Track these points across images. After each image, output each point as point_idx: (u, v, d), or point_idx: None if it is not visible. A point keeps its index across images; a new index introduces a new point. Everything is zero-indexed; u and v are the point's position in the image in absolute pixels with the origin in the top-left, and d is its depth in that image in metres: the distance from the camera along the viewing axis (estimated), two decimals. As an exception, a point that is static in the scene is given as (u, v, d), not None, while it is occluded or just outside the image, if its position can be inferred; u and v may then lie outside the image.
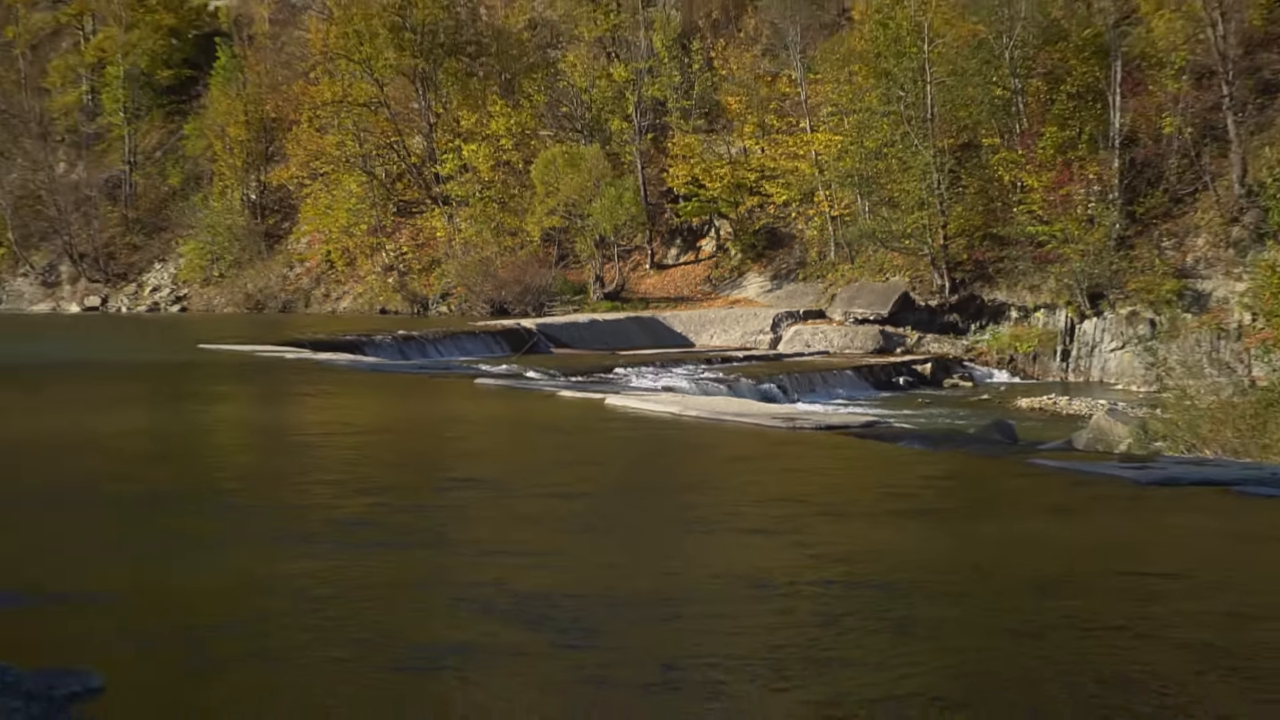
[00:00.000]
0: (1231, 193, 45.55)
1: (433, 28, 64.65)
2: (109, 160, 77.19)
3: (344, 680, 10.64)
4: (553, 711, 9.96)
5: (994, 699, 9.88)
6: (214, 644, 11.46)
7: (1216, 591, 13.56)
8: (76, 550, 15.13)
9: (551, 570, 14.05)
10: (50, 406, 30.29)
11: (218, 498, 19.41)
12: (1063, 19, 49.39)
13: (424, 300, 59.57)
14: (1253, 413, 24.35)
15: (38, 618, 12.09)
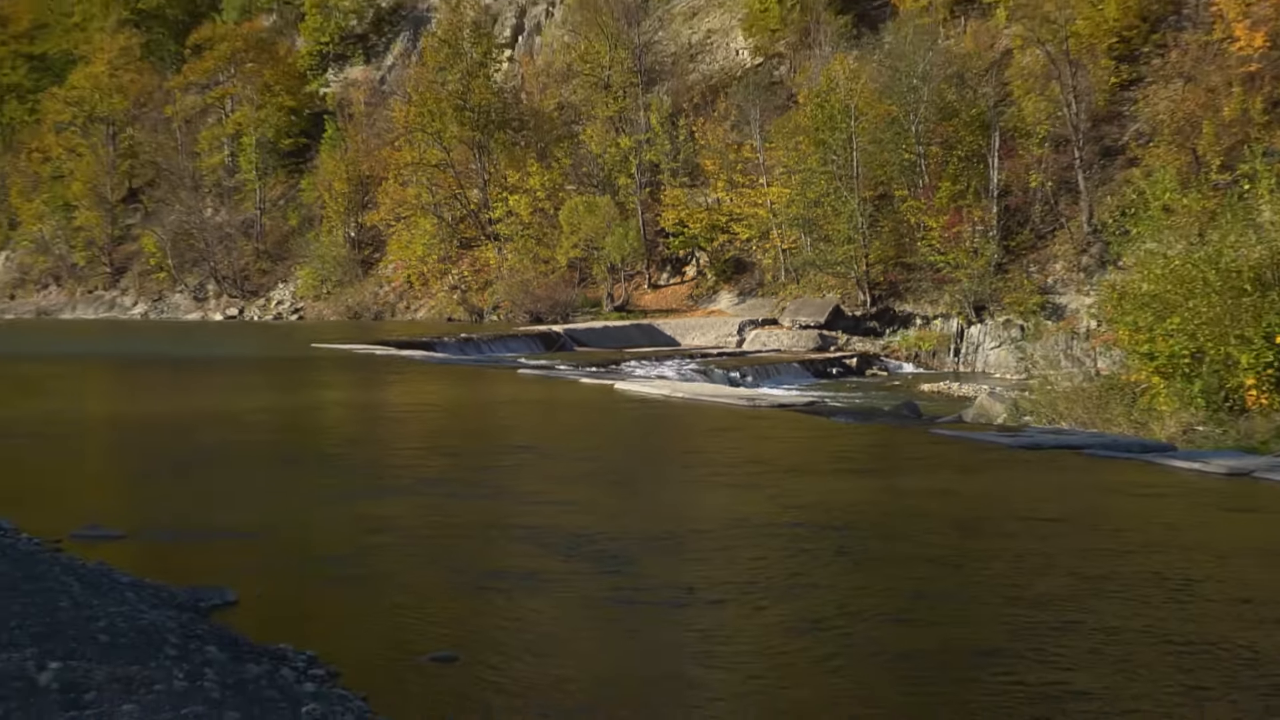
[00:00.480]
0: (1081, 231, 45.52)
1: (486, 108, 64.65)
2: (244, 206, 77.08)
3: (432, 597, 10.67)
4: (597, 620, 9.99)
5: (929, 614, 9.93)
6: (326, 568, 11.50)
7: (1080, 528, 13.62)
8: (221, 498, 15.18)
9: (585, 514, 14.11)
10: (203, 390, 30.30)
11: (329, 458, 19.45)
12: (954, 101, 49.24)
13: (479, 311, 59.41)
14: (1097, 395, 24.34)
15: (190, 549, 12.14)
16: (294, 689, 7.44)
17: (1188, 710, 7.73)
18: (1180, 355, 21.82)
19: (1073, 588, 10.67)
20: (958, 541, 12.98)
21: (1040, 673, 8.43)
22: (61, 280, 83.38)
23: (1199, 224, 26.21)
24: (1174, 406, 21.95)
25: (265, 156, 76.99)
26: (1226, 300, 21.41)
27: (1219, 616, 9.76)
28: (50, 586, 8.84)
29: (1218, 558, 12.06)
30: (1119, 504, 15.22)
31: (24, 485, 15.35)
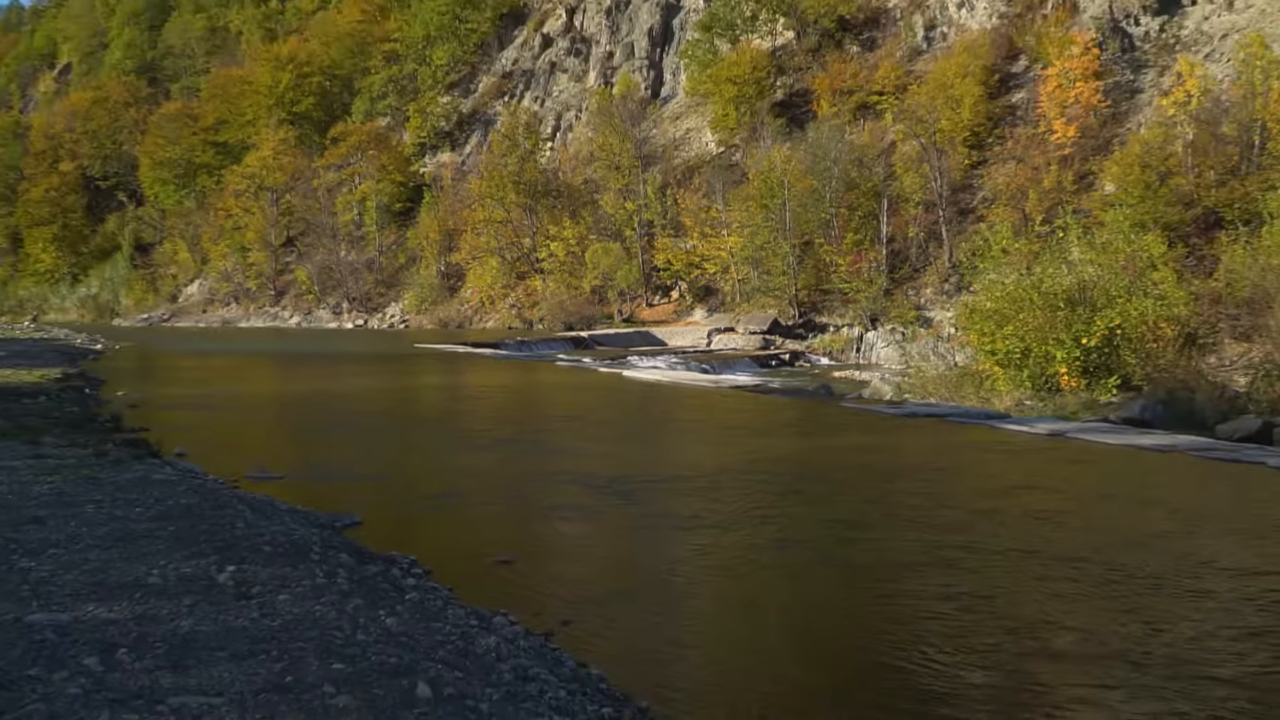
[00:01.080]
0: (944, 266, 45.40)
1: (534, 182, 64.92)
2: (368, 249, 76.96)
3: (497, 519, 10.64)
4: (618, 537, 9.96)
5: (859, 535, 9.88)
6: (423, 500, 11.48)
7: (947, 472, 13.60)
8: (351, 451, 15.16)
9: (607, 461, 14.12)
10: (338, 375, 30.33)
11: (426, 423, 19.44)
12: (856, 177, 49.16)
13: (530, 322, 59.41)
14: (955, 379, 24.33)
15: (329, 486, 12.11)
16: (400, 582, 7.46)
17: (1032, 588, 7.74)
18: (1013, 352, 21.82)
19: (950, 514, 10.69)
20: (870, 482, 12.98)
21: (942, 576, 8.42)
22: (239, 299, 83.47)
23: (1026, 261, 26.18)
24: (1009, 387, 21.96)
25: (382, 215, 76.97)
26: (1046, 314, 21.43)
27: (1041, 526, 9.79)
28: (229, 513, 8.83)
29: (1042, 490, 12.09)
30: (973, 454, 15.23)
31: (212, 441, 15.33)
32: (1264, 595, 7.82)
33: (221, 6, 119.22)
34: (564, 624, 7.06)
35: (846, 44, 61.62)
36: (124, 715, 4.46)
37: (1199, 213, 38.13)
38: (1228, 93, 41.54)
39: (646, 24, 74.20)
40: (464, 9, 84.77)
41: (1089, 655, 6.59)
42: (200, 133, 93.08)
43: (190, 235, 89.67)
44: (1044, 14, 53.28)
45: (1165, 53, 48.67)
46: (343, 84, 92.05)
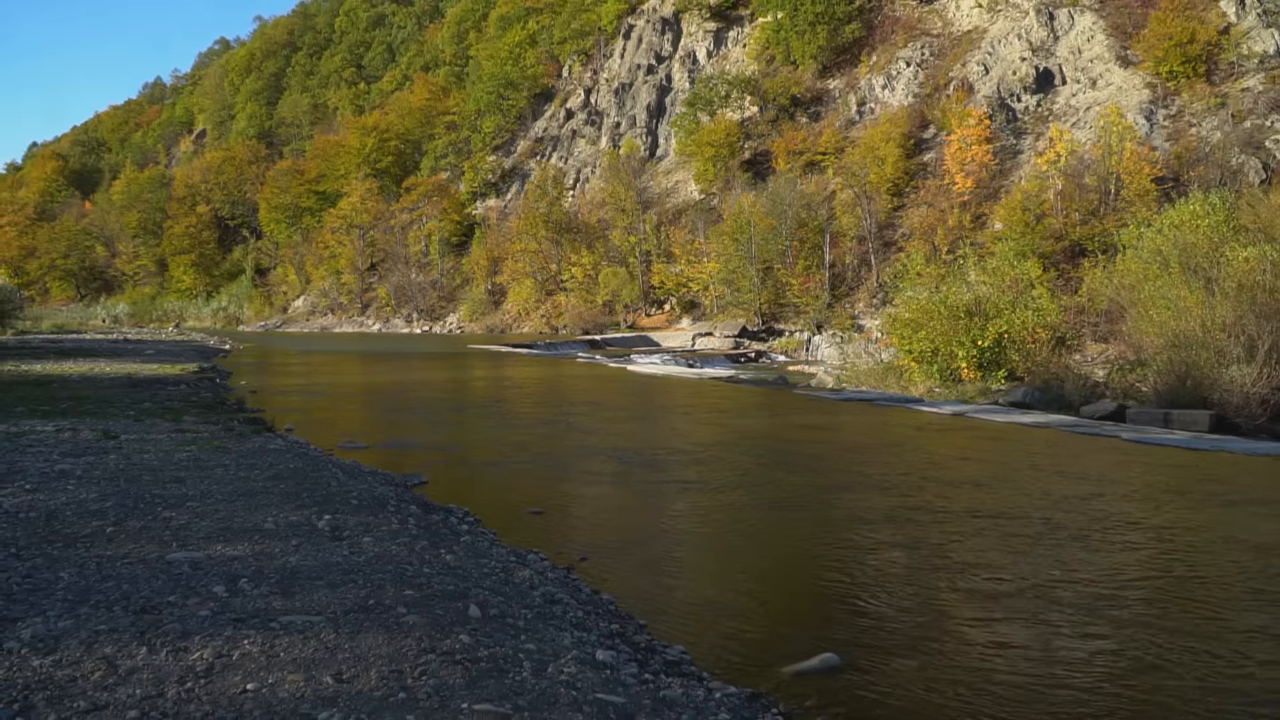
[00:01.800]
0: (873, 286, 45.33)
1: (560, 222, 64.75)
2: (432, 273, 76.78)
3: (533, 479, 10.61)
4: (630, 495, 9.89)
5: (821, 495, 9.84)
6: (476, 464, 11.43)
7: (878, 442, 13.56)
8: (420, 427, 15.14)
9: (617, 435, 14.04)
10: (408, 369, 30.28)
11: (478, 405, 19.37)
12: (805, 218, 49.02)
13: (556, 328, 59.15)
14: (881, 372, 24.24)
15: (403, 453, 12.07)
16: (457, 527, 7.39)
17: (941, 526, 7.71)
18: (926, 351, 21.75)
19: (882, 460, 10.65)
20: (818, 449, 12.92)
21: (885, 529, 8.37)
22: (334, 311, 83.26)
23: (935, 282, 26.12)
24: (923, 378, 21.88)
25: (443, 246, 76.69)
26: (950, 322, 21.35)
27: (947, 482, 9.75)
28: (325, 475, 8.77)
29: (949, 455, 12.05)
30: (895, 429, 15.18)
31: (313, 419, 15.31)
32: (1121, 531, 7.79)
33: (322, 88, 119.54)
34: (582, 560, 7.02)
35: (798, 116, 61.52)
36: (243, 631, 4.42)
37: (1067, 245, 38.06)
38: (1089, 152, 41.45)
39: (645, 101, 74.11)
40: (506, 90, 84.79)
41: (992, 584, 6.56)
42: (305, 184, 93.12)
43: (297, 262, 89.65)
44: (947, 94, 53.20)
45: (1041, 122, 48.55)
46: (414, 146, 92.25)
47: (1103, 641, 5.44)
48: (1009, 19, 54.65)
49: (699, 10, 74.60)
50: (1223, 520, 8.59)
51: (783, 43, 64.73)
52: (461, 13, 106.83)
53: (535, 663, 4.36)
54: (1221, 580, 6.68)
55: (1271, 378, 15.88)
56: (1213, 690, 4.80)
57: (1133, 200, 37.26)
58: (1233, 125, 41.49)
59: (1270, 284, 16.56)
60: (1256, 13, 45.26)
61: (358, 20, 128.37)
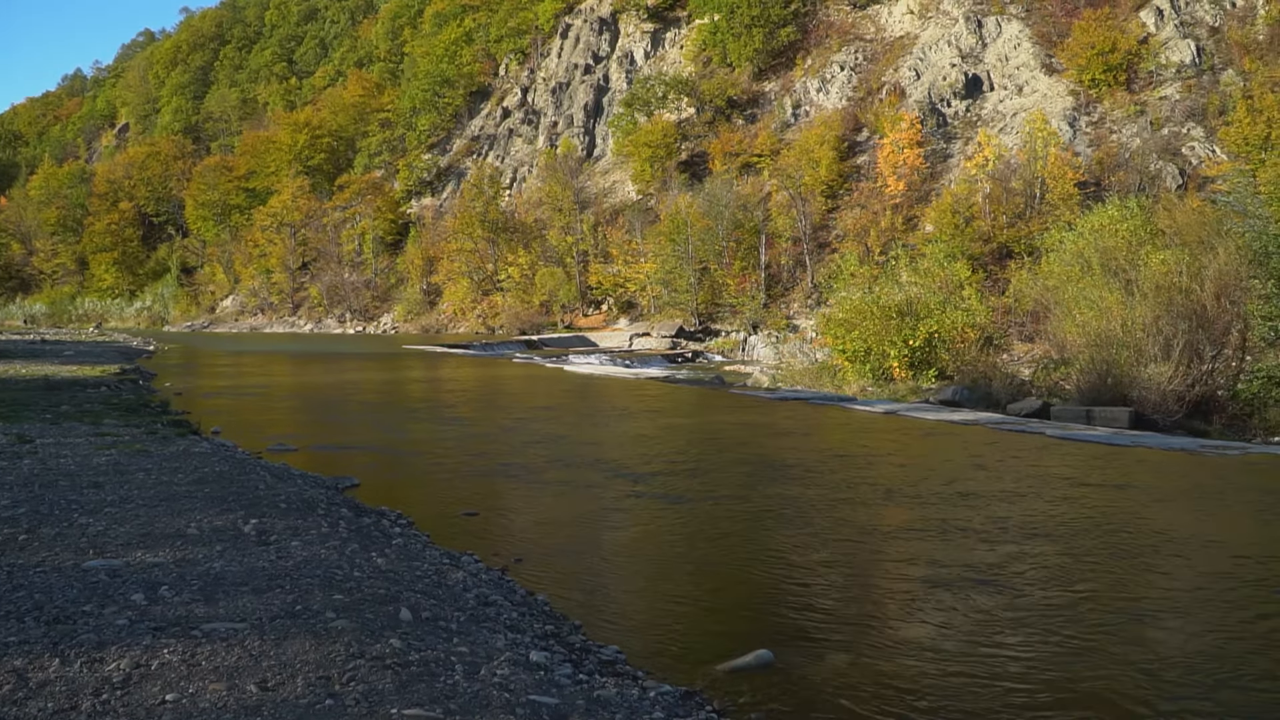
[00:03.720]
0: (808, 286, 45.83)
1: (496, 221, 64.19)
2: (366, 272, 75.66)
3: (465, 480, 10.48)
4: (572, 497, 9.83)
5: (755, 483, 9.88)
6: (408, 465, 11.27)
7: (810, 436, 13.67)
8: (352, 428, 14.88)
9: (557, 439, 13.96)
10: (341, 369, 29.78)
11: (412, 405, 19.13)
12: (741, 219, 49.34)
13: (492, 328, 58.66)
14: (815, 371, 24.52)
15: (334, 455, 11.88)
16: (389, 530, 7.28)
17: (873, 514, 7.80)
18: (859, 350, 22.04)
19: (816, 458, 10.74)
20: (756, 451, 12.98)
21: (819, 526, 8.43)
22: (264, 311, 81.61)
23: (868, 282, 26.48)
24: (856, 377, 22.17)
25: (377, 245, 75.66)
26: (883, 322, 21.67)
27: (879, 478, 9.90)
28: (253, 478, 8.57)
29: (880, 450, 12.21)
30: (829, 425, 15.35)
31: (241, 421, 14.97)
32: (1044, 525, 7.96)
33: (251, 82, 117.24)
34: (517, 561, 6.96)
35: (734, 118, 61.94)
36: (163, 640, 4.29)
37: (995, 247, 38.91)
38: (1016, 157, 42.42)
39: (583, 101, 73.98)
40: (442, 87, 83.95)
41: (923, 578, 6.65)
42: (234, 180, 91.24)
43: (225, 260, 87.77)
44: (880, 98, 54.01)
45: (970, 127, 49.57)
46: (347, 143, 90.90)
47: (1030, 630, 5.55)
48: (940, 26, 55.69)
49: (636, 11, 74.73)
50: (1140, 513, 8.83)
51: (719, 45, 65.13)
52: (396, 8, 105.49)
53: (468, 665, 4.30)
54: (1140, 569, 6.86)
55: (1186, 376, 16.40)
56: (1136, 674, 4.92)
57: (1057, 204, 38.24)
58: (1151, 132, 42.82)
59: (1185, 285, 17.10)
60: (1174, 24, 46.78)
61: (289, 14, 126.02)
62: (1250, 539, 8.03)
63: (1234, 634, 5.61)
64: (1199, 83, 44.27)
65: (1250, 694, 4.79)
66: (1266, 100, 39.01)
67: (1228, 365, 17.29)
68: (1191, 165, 40.78)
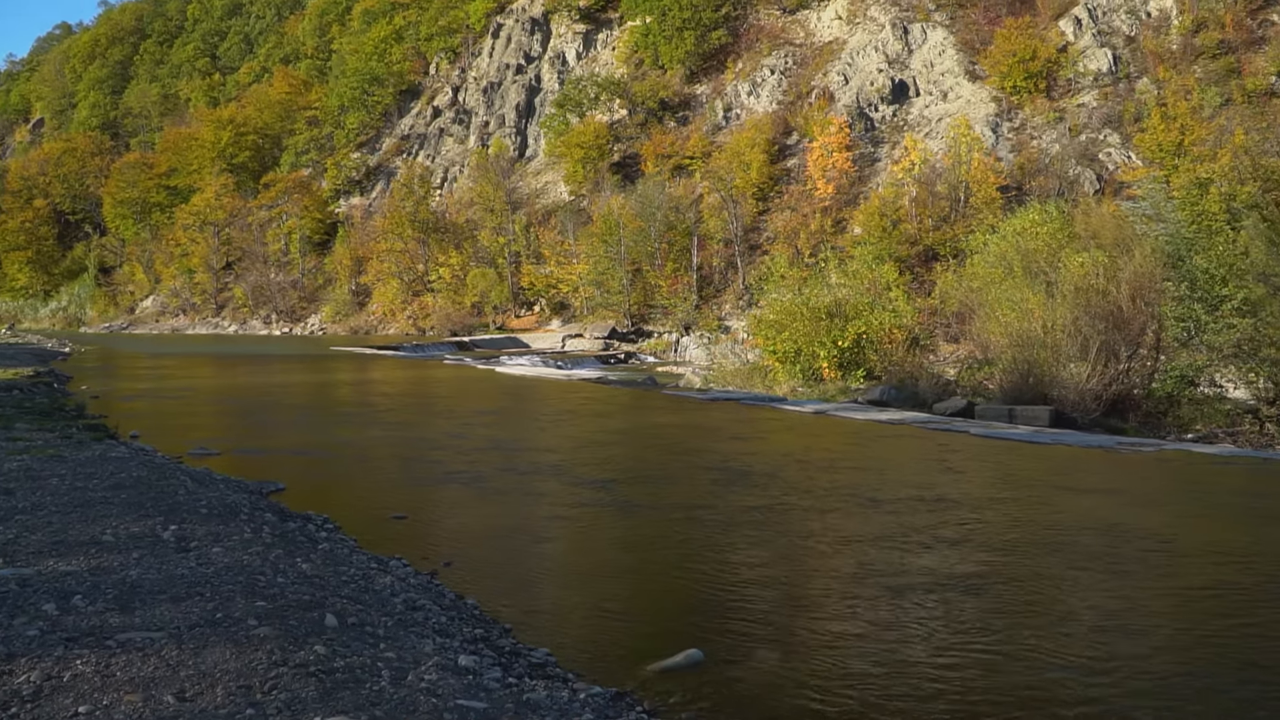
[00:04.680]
0: (739, 288, 46.17)
1: (427, 221, 63.50)
2: (293, 272, 74.05)
3: (394, 483, 10.35)
4: (503, 499, 9.73)
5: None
6: (335, 468, 11.09)
7: (742, 436, 13.76)
8: (277, 431, 14.61)
9: (489, 441, 13.85)
10: (267, 371, 29.15)
11: (339, 407, 18.82)
12: (674, 220, 49.56)
13: (423, 330, 57.94)
14: (747, 372, 24.70)
15: (258, 459, 11.64)
16: (315, 535, 7.16)
17: (800, 509, 7.89)
18: (789, 351, 22.27)
19: (747, 458, 10.81)
20: (687, 451, 13.03)
21: (749, 525, 8.48)
22: (186, 312, 79.48)
23: (798, 284, 26.76)
24: (786, 378, 22.41)
25: (304, 245, 74.15)
26: (812, 323, 21.93)
27: (808, 478, 10.00)
28: (173, 483, 8.34)
29: (810, 449, 12.36)
30: (760, 425, 15.48)
31: (162, 425, 14.56)
32: (967, 521, 8.14)
33: (173, 78, 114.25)
34: (446, 565, 6.89)
35: (666, 120, 62.19)
36: (76, 650, 4.15)
37: (921, 249, 39.69)
38: (941, 161, 43.32)
39: (514, 101, 73.58)
40: (371, 86, 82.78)
41: (850, 575, 6.74)
42: (155, 178, 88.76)
43: (145, 260, 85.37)
44: (809, 102, 54.72)
45: (896, 132, 50.49)
46: (273, 141, 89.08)
47: (955, 625, 5.66)
48: (867, 32, 56.61)
49: (568, 12, 74.56)
50: (1059, 507, 9.08)
51: (651, 47, 65.33)
52: (324, 5, 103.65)
53: (394, 671, 4.24)
54: (1061, 565, 7.05)
55: (1104, 375, 16.91)
56: (1057, 667, 5.05)
57: (980, 207, 39.15)
58: (1070, 138, 44.08)
59: (1102, 287, 17.62)
60: (1092, 33, 48.22)
61: (212, 8, 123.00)
62: (1159, 531, 8.31)
63: (1141, 621, 5.80)
64: (1115, 90, 45.71)
65: (1168, 681, 4.95)
66: (1179, 108, 40.44)
67: (1143, 365, 17.85)
68: (1108, 170, 42.08)
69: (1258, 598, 6.35)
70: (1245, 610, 6.09)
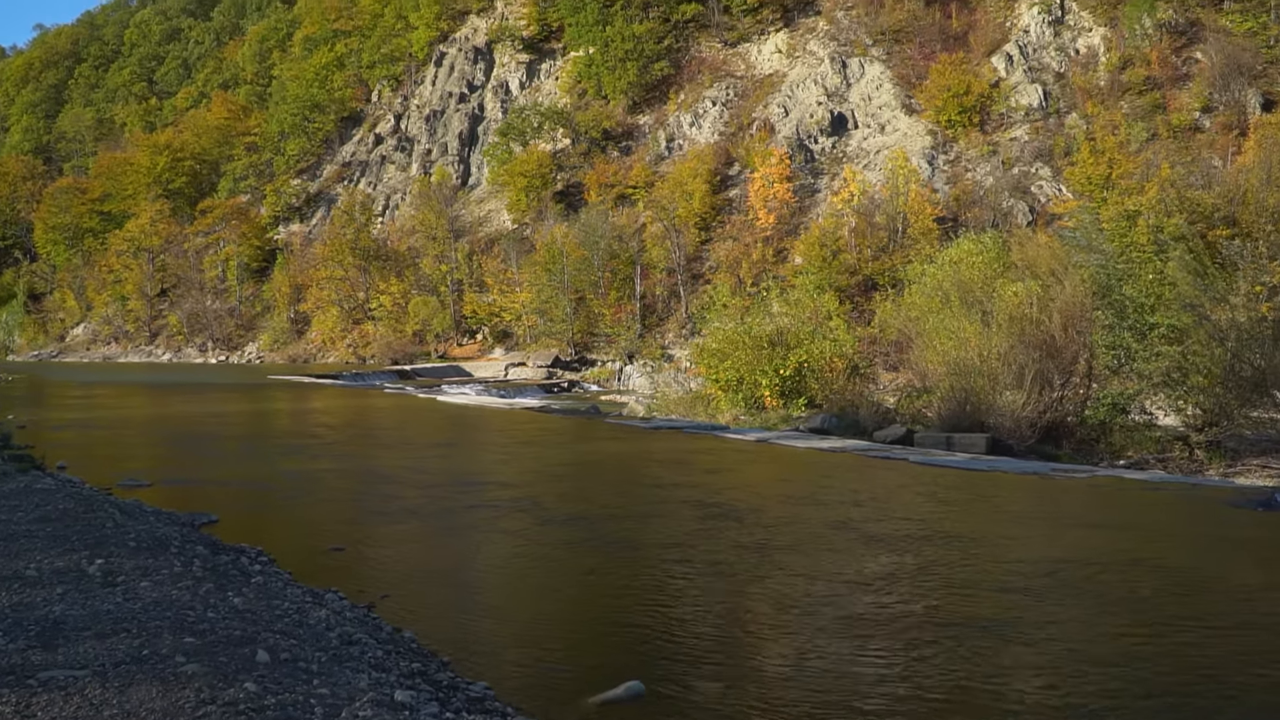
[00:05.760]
0: (682, 316, 46.38)
1: (368, 249, 62.97)
2: (230, 299, 72.85)
3: (332, 515, 10.18)
4: (443, 530, 9.59)
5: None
6: (270, 499, 10.88)
7: (684, 464, 13.76)
8: (211, 461, 14.27)
9: (429, 471, 13.68)
10: (202, 400, 28.49)
11: (276, 437, 18.46)
12: (617, 249, 49.73)
13: (363, 358, 57.20)
14: (690, 401, 24.78)
15: (191, 490, 11.38)
16: (248, 568, 6.99)
17: (737, 535, 7.89)
18: (731, 379, 22.40)
19: (689, 489, 10.80)
20: (629, 481, 13.00)
21: (689, 555, 8.46)
22: (119, 340, 77.63)
23: (740, 313, 26.98)
24: (729, 406, 22.52)
25: (242, 272, 73.04)
26: (754, 352, 22.10)
27: (749, 506, 10.03)
28: (101, 515, 8.10)
29: (751, 476, 12.40)
30: (702, 453, 15.50)
31: (91, 456, 14.15)
32: (907, 548, 8.22)
33: (108, 102, 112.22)
34: (383, 598, 6.77)
35: (609, 149, 62.57)
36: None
37: (861, 279, 40.31)
38: (879, 193, 44.15)
39: (457, 129, 73.47)
40: (312, 112, 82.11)
41: (791, 604, 6.75)
42: (88, 203, 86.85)
43: (77, 286, 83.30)
44: (751, 133, 55.49)
45: (836, 163, 51.38)
46: (211, 167, 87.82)
47: (895, 650, 5.70)
48: (807, 65, 57.65)
49: (512, 41, 74.81)
50: (995, 533, 9.22)
51: (594, 77, 65.77)
52: (264, 31, 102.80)
53: (328, 708, 4.14)
54: (995, 588, 7.15)
55: (1038, 402, 17.28)
56: (990, 686, 5.11)
57: (918, 238, 39.92)
58: (1003, 171, 45.24)
59: (1036, 316, 18.05)
60: (1023, 69, 49.67)
61: (150, 33, 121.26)
62: (1090, 555, 8.47)
63: (1071, 638, 5.90)
64: (1046, 125, 47.07)
65: (1095, 695, 5.04)
66: (1107, 142, 41.75)
67: (1076, 392, 18.28)
68: (1040, 203, 43.23)
69: (1180, 616, 6.50)
70: (1169, 630, 6.23)
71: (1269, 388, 16.02)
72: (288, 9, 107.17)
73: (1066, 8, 51.29)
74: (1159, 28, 46.82)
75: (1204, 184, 34.86)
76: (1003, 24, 52.83)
